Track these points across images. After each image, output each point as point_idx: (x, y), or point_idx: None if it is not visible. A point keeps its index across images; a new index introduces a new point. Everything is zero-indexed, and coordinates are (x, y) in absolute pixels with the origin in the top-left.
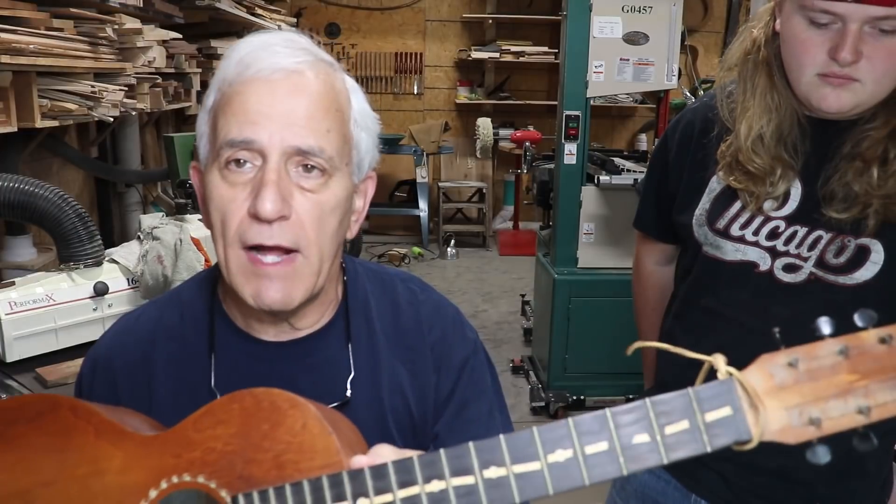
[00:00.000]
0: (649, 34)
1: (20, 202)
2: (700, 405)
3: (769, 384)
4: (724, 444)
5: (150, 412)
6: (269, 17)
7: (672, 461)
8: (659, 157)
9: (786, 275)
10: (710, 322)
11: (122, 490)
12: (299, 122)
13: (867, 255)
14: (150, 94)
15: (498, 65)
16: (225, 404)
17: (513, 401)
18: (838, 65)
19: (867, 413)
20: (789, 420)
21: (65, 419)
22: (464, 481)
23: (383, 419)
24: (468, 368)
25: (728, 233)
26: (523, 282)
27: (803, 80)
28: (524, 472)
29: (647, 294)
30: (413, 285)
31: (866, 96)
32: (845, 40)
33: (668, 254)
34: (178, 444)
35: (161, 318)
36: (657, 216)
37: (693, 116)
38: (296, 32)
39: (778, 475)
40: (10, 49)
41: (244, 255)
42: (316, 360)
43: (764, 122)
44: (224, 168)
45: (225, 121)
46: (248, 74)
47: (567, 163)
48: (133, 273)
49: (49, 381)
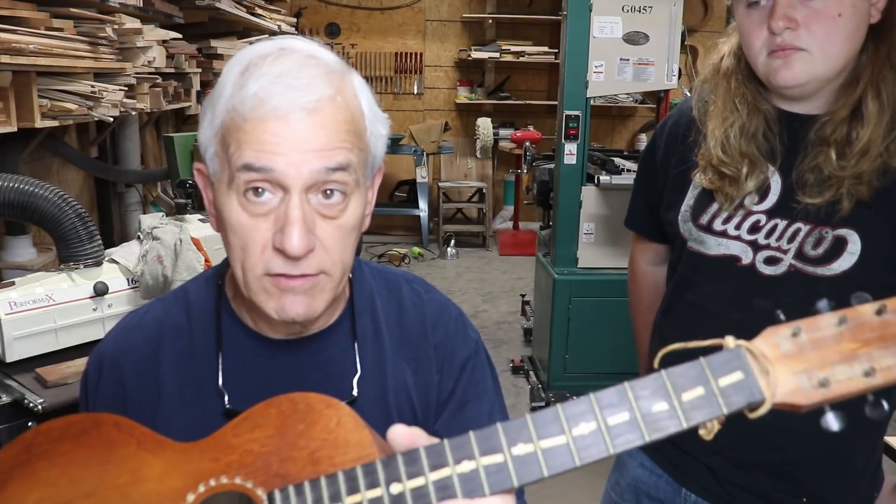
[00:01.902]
0: (649, 34)
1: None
2: (713, 372)
3: (776, 353)
4: (740, 406)
5: (157, 409)
6: (269, 17)
7: (692, 426)
8: (648, 156)
9: (767, 267)
10: (695, 316)
11: (161, 496)
12: (319, 150)
13: (844, 245)
14: (149, 94)
15: (498, 65)
16: (262, 409)
17: (513, 401)
18: (777, 35)
19: (873, 375)
20: (798, 383)
21: (108, 434)
22: (493, 460)
23: (388, 417)
24: (469, 368)
25: (711, 228)
26: (523, 282)
27: (759, 62)
28: (551, 447)
29: (642, 294)
30: (417, 286)
31: (818, 64)
32: (775, 9)
33: (661, 254)
34: (216, 448)
35: (168, 316)
36: (648, 215)
37: (679, 116)
38: (300, 39)
39: (765, 470)
40: (10, 49)
41: (267, 279)
42: (323, 358)
43: (728, 124)
44: (242, 196)
45: (238, 146)
46: (263, 111)
47: (567, 163)
48: (133, 273)
49: (49, 381)
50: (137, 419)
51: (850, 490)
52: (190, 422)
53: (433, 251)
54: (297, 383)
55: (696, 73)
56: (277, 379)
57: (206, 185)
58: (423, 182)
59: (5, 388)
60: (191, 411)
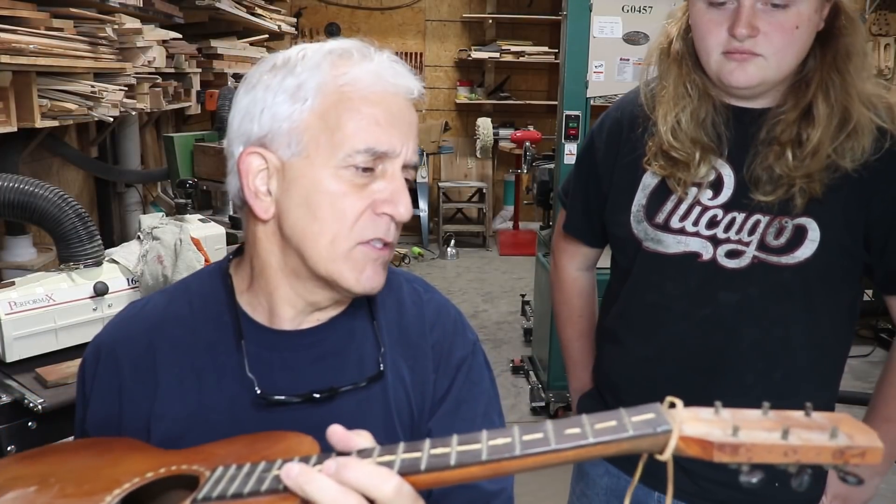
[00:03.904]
0: (649, 34)
1: (20, 202)
2: (628, 412)
3: (692, 414)
4: (644, 433)
5: (153, 399)
6: (269, 17)
7: (598, 441)
8: (586, 158)
9: (729, 261)
10: (658, 317)
11: (129, 473)
12: (415, 139)
13: (805, 233)
14: (149, 94)
15: (498, 65)
16: (240, 436)
17: (513, 401)
18: (737, 40)
19: (786, 436)
20: (710, 428)
21: (110, 441)
22: (412, 455)
23: (388, 412)
24: (465, 368)
25: (668, 226)
26: (523, 282)
27: (711, 60)
28: (465, 451)
29: (573, 301)
30: (417, 285)
31: (771, 70)
32: (740, 16)
33: (591, 259)
34: (192, 452)
35: (169, 306)
36: (587, 220)
37: (619, 114)
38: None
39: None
40: (10, 49)
41: (359, 249)
42: (332, 346)
43: (679, 108)
44: (343, 169)
45: (358, 126)
46: (383, 87)
47: (567, 163)
48: (133, 273)
49: (49, 381)
50: (133, 408)
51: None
52: (187, 411)
53: (433, 251)
54: (312, 370)
55: None
56: (294, 367)
57: (258, 170)
58: (423, 182)
59: (5, 388)
60: (188, 400)
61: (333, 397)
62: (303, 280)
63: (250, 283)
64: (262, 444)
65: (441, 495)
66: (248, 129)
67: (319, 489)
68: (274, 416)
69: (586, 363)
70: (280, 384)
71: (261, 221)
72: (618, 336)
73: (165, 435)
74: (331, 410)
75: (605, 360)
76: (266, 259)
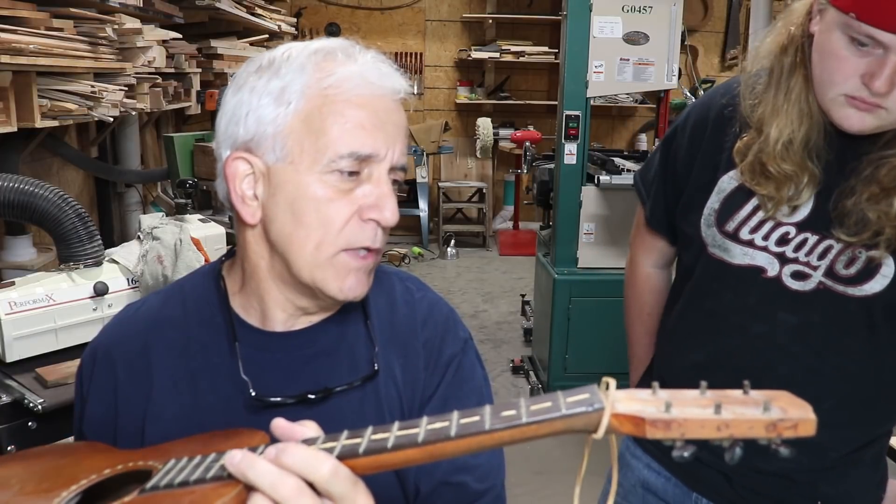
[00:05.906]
0: (649, 34)
1: (20, 202)
2: (564, 394)
3: (628, 394)
4: (577, 412)
5: (148, 400)
6: (269, 16)
7: (531, 420)
8: (667, 149)
9: (794, 282)
10: (713, 325)
11: (88, 471)
12: (403, 141)
13: (878, 267)
14: (149, 94)
15: (498, 65)
16: (199, 434)
17: None
18: (870, 92)
19: (719, 411)
20: (644, 406)
21: (76, 445)
22: (353, 441)
23: (381, 411)
24: (455, 365)
25: (737, 236)
26: (523, 282)
27: (829, 95)
28: (402, 434)
29: (644, 298)
30: (410, 284)
31: (888, 122)
32: (882, 70)
33: (668, 256)
34: (151, 451)
35: (163, 308)
36: (666, 216)
37: (706, 112)
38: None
39: (782, 476)
40: (10, 49)
41: (344, 255)
42: (325, 346)
43: (796, 126)
44: (328, 174)
45: (337, 127)
46: (368, 90)
47: (567, 163)
48: (133, 273)
49: (49, 381)
50: (128, 409)
51: (862, 491)
52: (182, 412)
53: (433, 251)
54: (305, 371)
55: (697, 74)
56: (287, 368)
57: (244, 175)
58: (423, 182)
59: (5, 388)
60: (182, 402)
61: (328, 397)
62: (289, 286)
63: (242, 286)
64: (218, 439)
65: (427, 494)
66: (234, 133)
67: (260, 473)
68: (268, 417)
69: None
70: (273, 385)
71: (249, 226)
72: (674, 336)
73: (160, 436)
74: (325, 410)
75: (659, 358)
76: (256, 263)
